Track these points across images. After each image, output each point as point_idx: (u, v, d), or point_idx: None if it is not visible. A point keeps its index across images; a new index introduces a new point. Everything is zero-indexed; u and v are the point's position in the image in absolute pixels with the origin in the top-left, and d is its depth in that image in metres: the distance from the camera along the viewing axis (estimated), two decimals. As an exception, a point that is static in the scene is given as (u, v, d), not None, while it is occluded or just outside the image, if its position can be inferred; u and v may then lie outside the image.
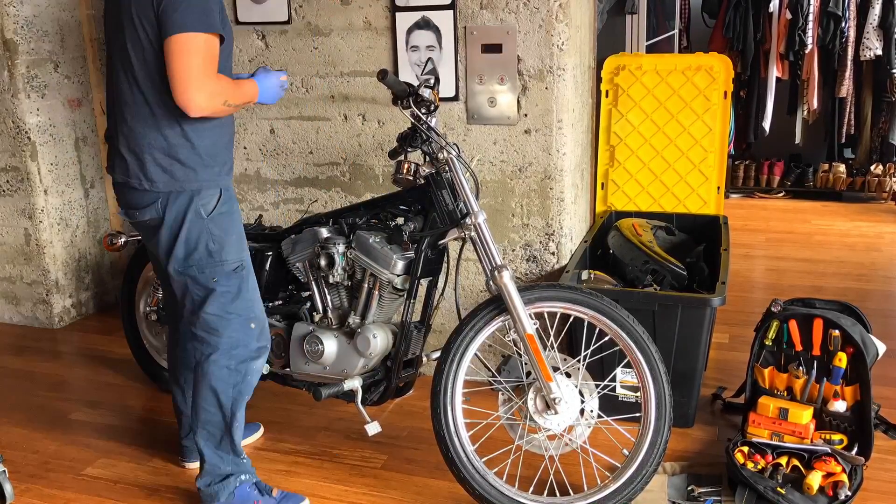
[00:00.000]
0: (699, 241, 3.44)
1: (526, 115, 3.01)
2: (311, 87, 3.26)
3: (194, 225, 2.32)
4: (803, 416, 2.63)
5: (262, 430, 2.94)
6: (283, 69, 2.66)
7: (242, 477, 2.50)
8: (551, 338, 2.46)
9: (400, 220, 2.63)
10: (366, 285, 2.63)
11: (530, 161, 3.04)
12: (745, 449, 2.58)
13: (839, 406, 2.66)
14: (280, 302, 2.85)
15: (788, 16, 5.51)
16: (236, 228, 2.40)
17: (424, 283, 2.64)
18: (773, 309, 2.80)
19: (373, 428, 2.56)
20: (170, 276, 2.41)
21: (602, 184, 3.69)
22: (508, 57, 2.96)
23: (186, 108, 2.15)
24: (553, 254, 3.11)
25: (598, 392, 2.46)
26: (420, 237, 2.54)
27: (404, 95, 2.43)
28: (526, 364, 2.41)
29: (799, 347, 2.74)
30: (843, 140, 5.92)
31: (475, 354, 2.47)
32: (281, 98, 2.53)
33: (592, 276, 3.06)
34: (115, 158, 2.36)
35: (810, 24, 5.47)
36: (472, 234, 2.40)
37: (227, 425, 2.46)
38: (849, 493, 2.37)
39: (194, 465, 2.71)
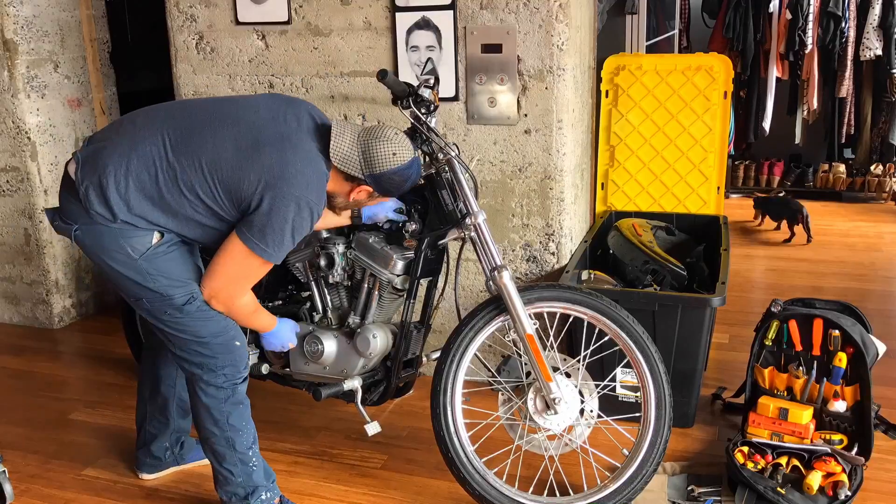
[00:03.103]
0: (699, 241, 3.44)
1: (526, 115, 3.01)
2: (311, 88, 3.26)
3: (127, 265, 2.17)
4: (803, 416, 2.63)
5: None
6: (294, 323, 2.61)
7: (264, 495, 2.41)
8: (551, 338, 2.46)
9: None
10: (365, 285, 2.63)
11: (530, 161, 3.04)
12: (745, 449, 2.58)
13: (839, 406, 2.66)
14: (280, 302, 2.84)
15: (788, 16, 5.51)
16: (177, 264, 2.22)
17: (424, 283, 2.64)
18: (773, 309, 2.80)
19: (373, 428, 2.56)
20: None
21: (602, 184, 3.69)
22: (508, 57, 2.96)
23: (203, 291, 2.22)
24: (553, 254, 3.11)
25: (598, 392, 2.46)
26: (420, 237, 2.54)
27: (404, 95, 2.43)
28: (526, 364, 2.41)
29: (799, 347, 2.74)
30: (843, 140, 5.92)
31: (475, 354, 2.47)
32: (282, 345, 2.55)
33: (592, 276, 3.06)
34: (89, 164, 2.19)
35: (810, 24, 5.47)
36: (472, 234, 2.40)
37: (231, 443, 2.35)
38: (849, 493, 2.37)
39: (150, 477, 2.72)
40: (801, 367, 2.72)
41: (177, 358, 2.35)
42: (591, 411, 2.43)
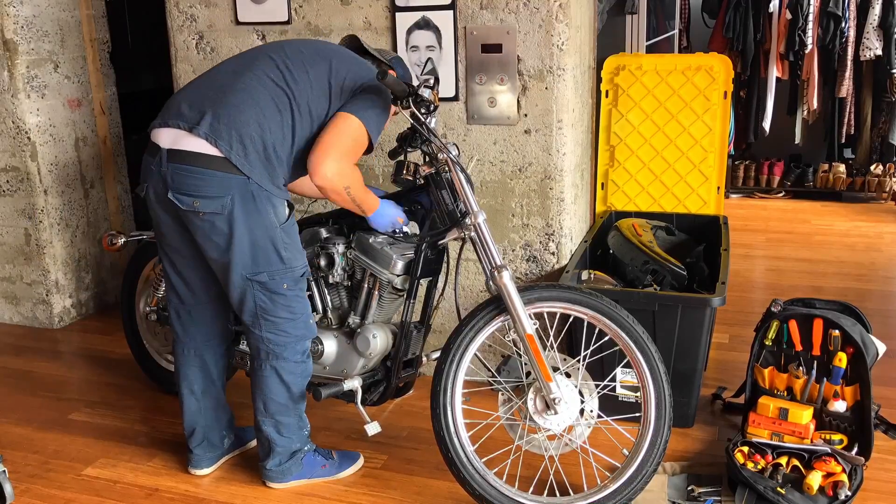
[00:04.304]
0: (699, 241, 3.44)
1: (526, 115, 3.01)
2: (311, 87, 3.26)
3: (268, 231, 2.34)
4: (803, 416, 2.63)
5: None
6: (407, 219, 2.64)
7: (306, 448, 2.61)
8: (551, 338, 2.46)
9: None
10: (365, 285, 2.63)
11: (530, 161, 3.05)
12: (745, 449, 2.58)
13: (839, 406, 2.66)
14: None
15: (788, 16, 5.51)
16: (298, 238, 2.47)
17: (424, 283, 2.64)
18: (773, 309, 2.80)
19: (373, 428, 2.56)
20: (227, 282, 2.38)
21: (602, 184, 3.69)
22: (508, 57, 2.96)
23: (314, 172, 2.30)
24: (553, 254, 3.11)
25: (598, 392, 2.46)
26: (420, 237, 2.54)
27: (404, 96, 2.43)
28: (526, 364, 2.41)
29: (799, 347, 2.74)
30: (843, 140, 5.92)
31: (475, 354, 2.47)
32: (388, 230, 2.59)
33: (592, 276, 3.06)
34: (198, 118, 2.28)
35: (810, 24, 5.47)
36: (472, 234, 2.40)
37: (297, 409, 2.55)
38: (849, 493, 2.37)
39: (203, 472, 2.72)
40: (801, 367, 2.72)
41: (260, 340, 2.45)
42: (591, 411, 2.43)
